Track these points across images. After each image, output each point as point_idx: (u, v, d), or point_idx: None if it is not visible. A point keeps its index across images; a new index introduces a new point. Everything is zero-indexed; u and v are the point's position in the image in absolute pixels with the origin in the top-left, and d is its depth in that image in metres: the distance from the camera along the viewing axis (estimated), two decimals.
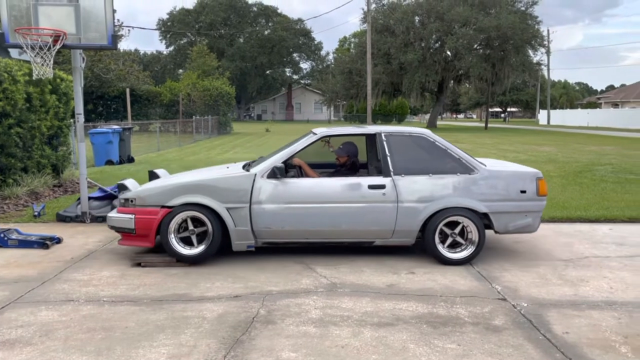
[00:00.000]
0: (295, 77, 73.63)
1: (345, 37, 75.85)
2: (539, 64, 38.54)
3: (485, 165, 5.11)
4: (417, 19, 36.89)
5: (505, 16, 32.62)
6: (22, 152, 8.23)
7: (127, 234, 4.93)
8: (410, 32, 36.10)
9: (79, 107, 6.67)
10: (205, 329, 3.45)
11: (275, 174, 4.83)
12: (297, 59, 72.00)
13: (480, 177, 4.91)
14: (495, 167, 5.20)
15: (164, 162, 13.91)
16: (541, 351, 3.13)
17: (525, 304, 3.91)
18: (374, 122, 52.17)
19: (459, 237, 4.91)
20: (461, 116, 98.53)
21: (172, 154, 16.47)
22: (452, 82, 39.86)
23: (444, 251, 4.89)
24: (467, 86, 46.59)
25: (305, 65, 73.61)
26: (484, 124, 42.06)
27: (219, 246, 4.86)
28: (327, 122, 62.15)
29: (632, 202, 7.68)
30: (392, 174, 4.90)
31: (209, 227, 4.79)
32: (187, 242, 4.87)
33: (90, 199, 6.91)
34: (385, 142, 5.04)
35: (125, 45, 61.46)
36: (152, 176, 5.76)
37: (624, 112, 46.69)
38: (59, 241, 5.64)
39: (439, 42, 36.45)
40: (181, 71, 58.92)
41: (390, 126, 5.48)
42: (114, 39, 6.34)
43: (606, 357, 3.06)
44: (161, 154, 16.77)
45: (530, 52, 35.81)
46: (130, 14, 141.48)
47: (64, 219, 6.73)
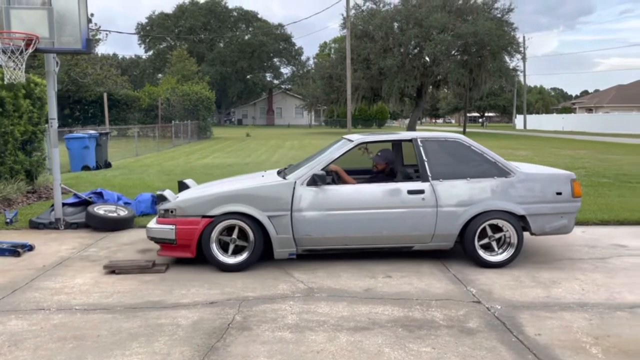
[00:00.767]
0: (276, 82, 73.58)
1: (325, 43, 76.10)
2: (515, 69, 39.11)
3: (520, 168, 5.19)
4: (396, 25, 37.15)
5: (482, 23, 33.07)
6: None
7: (167, 245, 4.88)
8: (389, 37, 36.35)
9: (53, 112, 6.56)
10: (179, 336, 3.41)
11: (315, 181, 4.85)
12: (277, 63, 72.00)
13: (517, 180, 4.99)
14: (530, 170, 5.28)
15: (142, 167, 13.74)
16: (514, 353, 3.18)
17: (499, 306, 3.96)
18: (354, 127, 52.39)
19: (494, 241, 4.97)
20: (440, 121, 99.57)
21: (150, 159, 16.28)
22: (430, 87, 40.19)
23: (484, 254, 4.94)
24: (446, 91, 47.10)
25: (285, 70, 73.70)
26: (462, 129, 42.60)
27: (260, 254, 4.87)
28: (308, 126, 62.25)
29: (604, 206, 7.85)
30: (430, 178, 4.96)
31: (251, 235, 4.79)
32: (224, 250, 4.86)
33: (64, 205, 6.79)
34: (421, 148, 5.10)
35: (103, 49, 60.62)
36: (182, 186, 5.68)
37: (598, 117, 47.85)
38: (31, 248, 5.52)
39: (418, 48, 36.78)
40: (160, 76, 58.34)
41: (424, 132, 5.52)
42: (89, 43, 6.26)
43: (577, 358, 3.11)
44: (139, 159, 16.56)
45: (506, 58, 36.31)
46: (108, 18, 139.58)
47: (37, 226, 6.59)
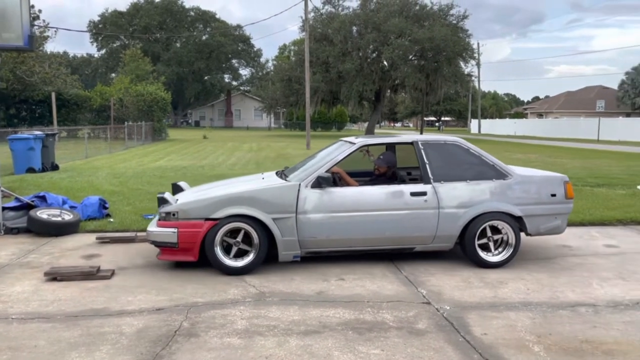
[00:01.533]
0: (234, 83, 72.89)
1: (285, 45, 76.03)
2: (470, 75, 40.17)
3: (515, 170, 5.30)
4: (354, 29, 37.50)
5: (438, 29, 33.81)
6: None
7: (168, 249, 4.74)
8: (348, 41, 36.65)
9: None
10: (122, 344, 3.29)
11: (320, 183, 4.82)
12: (236, 65, 71.37)
13: (514, 182, 5.10)
14: (525, 172, 5.42)
15: (91, 169, 13.28)
16: (460, 353, 3.23)
17: (447, 307, 4.02)
18: (314, 129, 52.51)
19: (492, 242, 5.05)
20: (399, 125, 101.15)
21: (101, 161, 15.76)
22: (389, 91, 40.77)
23: (483, 255, 5.02)
24: (404, 95, 47.79)
25: (244, 71, 73.17)
26: (419, 133, 43.45)
27: (265, 257, 4.78)
28: (268, 129, 61.92)
29: None
30: (432, 180, 5.00)
31: (255, 238, 4.70)
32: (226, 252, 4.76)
33: (4, 209, 6.46)
34: (422, 150, 5.14)
35: (52, 47, 58.55)
36: (176, 189, 5.51)
37: (548, 122, 49.81)
38: None
39: (376, 52, 37.23)
40: (114, 75, 56.68)
41: (425, 135, 5.58)
42: (31, 39, 5.99)
43: (520, 357, 3.19)
44: (89, 161, 16.00)
45: (461, 63, 37.26)
46: (60, 16, 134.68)
47: None
